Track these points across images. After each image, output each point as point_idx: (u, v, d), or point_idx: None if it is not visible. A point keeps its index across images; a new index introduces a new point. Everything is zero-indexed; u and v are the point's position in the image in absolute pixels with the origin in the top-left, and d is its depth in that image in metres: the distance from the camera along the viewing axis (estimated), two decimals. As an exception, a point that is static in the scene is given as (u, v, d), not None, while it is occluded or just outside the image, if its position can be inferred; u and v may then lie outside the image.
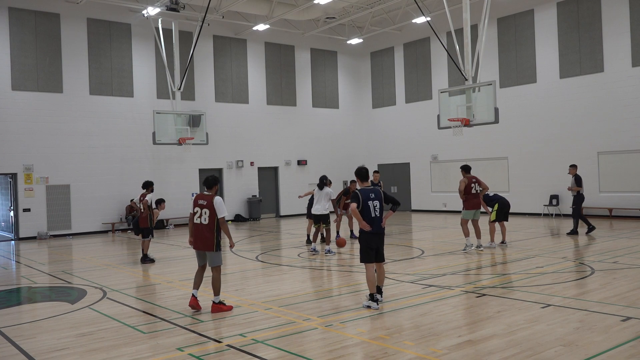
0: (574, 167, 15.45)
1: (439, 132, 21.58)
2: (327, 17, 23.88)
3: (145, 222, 12.59)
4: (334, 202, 13.61)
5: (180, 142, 20.53)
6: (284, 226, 21.33)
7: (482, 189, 12.88)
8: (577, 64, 20.07)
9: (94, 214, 20.56)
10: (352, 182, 14.41)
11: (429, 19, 19.83)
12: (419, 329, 6.52)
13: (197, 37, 19.77)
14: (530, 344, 5.80)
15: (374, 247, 7.72)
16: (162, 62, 21.44)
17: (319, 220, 13.13)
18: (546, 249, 12.74)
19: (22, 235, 19.27)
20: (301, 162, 26.11)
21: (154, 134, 20.08)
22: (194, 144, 21.10)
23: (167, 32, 21.60)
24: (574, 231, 15.07)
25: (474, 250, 12.64)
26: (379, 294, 7.77)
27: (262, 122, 25.01)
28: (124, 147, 21.28)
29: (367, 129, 28.16)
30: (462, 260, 11.60)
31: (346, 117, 27.90)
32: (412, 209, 25.91)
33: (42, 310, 8.43)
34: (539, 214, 21.06)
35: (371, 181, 12.08)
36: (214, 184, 7.91)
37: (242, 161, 24.28)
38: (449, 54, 18.77)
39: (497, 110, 15.25)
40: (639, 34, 18.54)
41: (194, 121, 21.32)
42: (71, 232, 20.08)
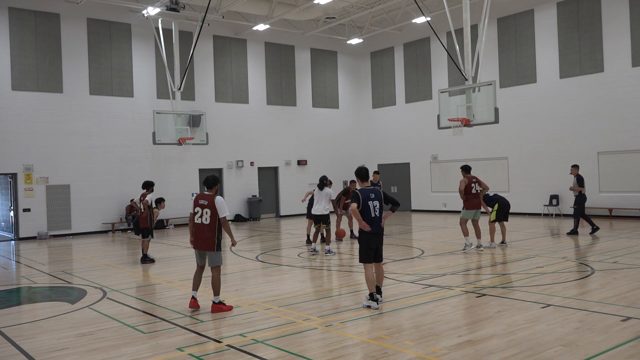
0: (575, 167, 15.45)
1: (439, 132, 21.58)
2: (327, 17, 23.88)
3: (145, 222, 12.60)
4: (333, 202, 13.62)
5: (180, 142, 20.53)
6: (284, 226, 21.33)
7: (482, 189, 12.89)
8: (577, 64, 20.07)
9: (94, 214, 20.56)
10: (352, 182, 14.41)
11: (429, 19, 19.83)
12: (419, 329, 6.52)
13: (197, 37, 19.78)
14: (530, 344, 5.80)
15: (374, 247, 7.73)
16: (162, 62, 21.44)
17: (319, 220, 13.14)
18: (546, 249, 12.74)
19: (22, 235, 19.28)
20: (301, 162, 26.11)
21: (154, 134, 20.09)
22: (194, 144, 21.11)
23: (167, 32, 21.60)
24: (574, 231, 15.08)
25: (474, 249, 12.65)
26: (379, 293, 7.78)
27: (262, 122, 25.02)
28: (124, 147, 21.28)
29: (367, 129, 28.16)
30: (462, 260, 11.61)
31: (346, 117, 27.90)
32: (412, 209, 25.91)
33: (42, 310, 8.43)
34: (539, 214, 21.07)
35: (371, 181, 12.08)
36: (214, 184, 7.92)
37: (242, 161, 24.28)
38: (449, 54, 18.77)
39: (497, 110, 15.26)
40: (639, 34, 18.54)
41: (194, 121, 21.32)
42: (71, 232, 20.08)
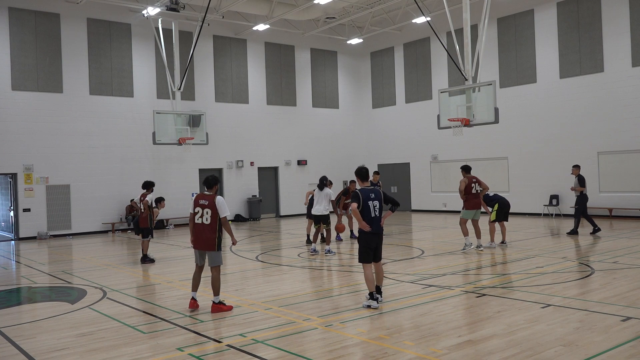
0: (577, 167, 15.45)
1: (439, 132, 21.58)
2: (327, 17, 23.88)
3: (145, 222, 12.60)
4: (333, 202, 13.61)
5: (180, 142, 20.53)
6: (284, 226, 21.33)
7: (482, 189, 12.89)
8: (577, 64, 20.07)
9: (94, 214, 20.56)
10: (352, 182, 14.41)
11: (429, 19, 19.83)
12: (419, 329, 6.52)
13: (197, 37, 19.77)
14: (530, 344, 5.80)
15: (373, 246, 7.74)
16: (162, 62, 21.44)
17: (319, 220, 13.14)
18: (546, 249, 12.74)
19: (22, 235, 19.27)
20: (301, 162, 26.11)
21: (154, 134, 20.09)
22: (194, 144, 21.11)
23: (167, 32, 21.60)
24: (574, 231, 15.07)
25: (473, 249, 12.65)
26: (379, 293, 7.78)
27: (262, 122, 25.01)
28: (124, 147, 21.28)
29: (367, 129, 28.16)
30: (462, 260, 11.61)
31: (346, 117, 27.90)
32: (412, 209, 25.90)
33: (42, 310, 8.43)
34: (539, 214, 21.06)
35: (370, 181, 12.07)
36: (214, 184, 7.93)
37: (242, 161, 24.28)
38: (449, 54, 18.77)
39: (497, 110, 15.26)
40: (639, 34, 18.54)
41: (194, 121, 21.32)
42: (71, 232, 20.08)
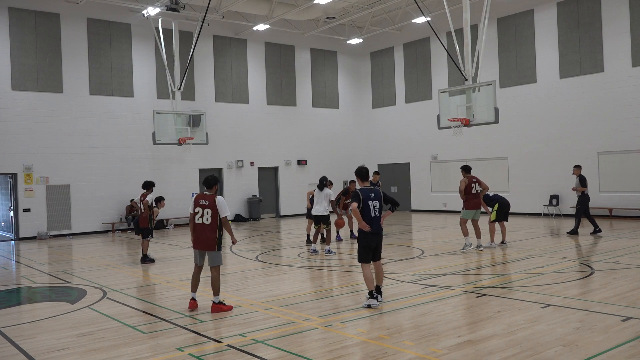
0: (578, 167, 15.45)
1: (439, 132, 21.58)
2: (327, 17, 23.88)
3: (145, 222, 12.61)
4: (332, 203, 13.60)
5: (180, 142, 20.53)
6: (284, 226, 21.33)
7: (482, 189, 12.89)
8: (577, 64, 20.07)
9: (94, 214, 20.56)
10: (352, 182, 14.40)
11: (429, 19, 19.83)
12: (419, 329, 6.52)
13: (197, 37, 19.77)
14: (530, 344, 5.79)
15: (373, 246, 7.74)
16: (162, 62, 21.44)
17: (319, 220, 13.14)
18: (546, 249, 12.74)
19: (22, 235, 19.27)
20: (301, 162, 26.11)
21: (154, 134, 20.09)
22: (194, 144, 21.11)
23: (167, 32, 21.60)
24: (574, 231, 15.07)
25: (473, 249, 12.65)
26: (379, 293, 7.78)
27: (262, 122, 25.01)
28: (124, 147, 21.28)
29: (367, 129, 28.15)
30: (462, 260, 11.61)
31: (346, 117, 27.90)
32: (412, 209, 25.90)
33: (42, 310, 8.43)
34: (539, 214, 21.06)
35: (370, 181, 12.08)
36: (214, 184, 7.92)
37: (242, 161, 24.28)
38: (449, 54, 18.77)
39: (497, 110, 15.26)
40: (639, 34, 18.54)
41: (194, 121, 21.32)
42: (71, 232, 20.08)
